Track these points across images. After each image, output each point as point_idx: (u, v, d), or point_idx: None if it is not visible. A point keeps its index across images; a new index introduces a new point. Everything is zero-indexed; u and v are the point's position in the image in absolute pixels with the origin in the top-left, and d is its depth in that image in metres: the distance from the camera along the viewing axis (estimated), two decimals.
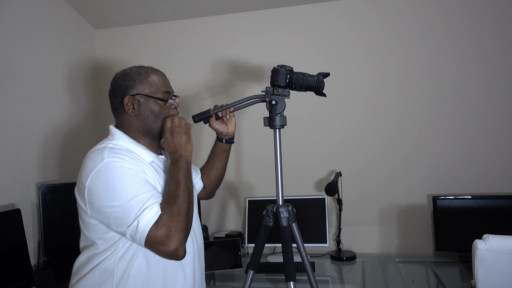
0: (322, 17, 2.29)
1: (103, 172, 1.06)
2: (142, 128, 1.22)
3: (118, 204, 1.04)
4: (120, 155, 1.10)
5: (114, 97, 1.24)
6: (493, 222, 1.98)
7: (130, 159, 1.11)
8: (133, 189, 1.05)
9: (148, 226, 1.02)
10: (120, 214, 1.04)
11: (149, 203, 1.05)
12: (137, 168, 1.10)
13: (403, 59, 2.21)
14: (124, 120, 1.23)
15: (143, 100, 1.20)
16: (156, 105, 1.21)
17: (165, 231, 1.02)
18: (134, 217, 1.03)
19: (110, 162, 1.07)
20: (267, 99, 1.34)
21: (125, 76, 1.23)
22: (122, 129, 1.23)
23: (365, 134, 2.26)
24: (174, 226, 1.04)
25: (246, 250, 2.30)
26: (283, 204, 1.33)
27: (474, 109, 2.14)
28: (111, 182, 1.05)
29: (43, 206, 1.89)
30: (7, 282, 1.64)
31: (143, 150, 1.19)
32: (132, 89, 1.20)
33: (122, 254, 1.11)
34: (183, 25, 2.47)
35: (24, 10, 2.00)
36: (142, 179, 1.09)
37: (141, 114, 1.21)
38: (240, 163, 2.42)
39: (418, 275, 1.93)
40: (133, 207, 1.04)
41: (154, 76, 1.23)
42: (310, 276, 1.35)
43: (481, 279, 1.18)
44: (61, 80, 2.25)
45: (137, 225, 1.02)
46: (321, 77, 1.34)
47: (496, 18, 2.10)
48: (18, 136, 1.94)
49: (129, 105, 1.20)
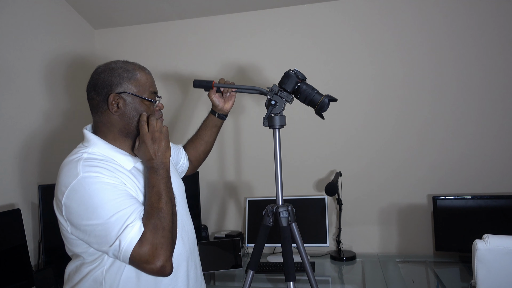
0: (322, 17, 2.29)
1: (79, 189, 0.99)
2: (125, 128, 1.12)
3: (98, 222, 0.97)
4: (95, 167, 1.02)
5: (96, 93, 1.12)
6: (493, 222, 1.98)
7: (107, 171, 1.03)
8: (113, 205, 0.98)
9: (132, 245, 0.96)
10: (101, 233, 0.98)
11: (130, 220, 0.98)
12: (116, 180, 1.03)
13: (403, 59, 2.21)
14: (105, 119, 1.12)
15: (130, 99, 1.11)
16: (143, 106, 1.12)
17: (149, 249, 0.97)
18: (115, 236, 0.96)
19: (85, 178, 0.99)
20: (268, 96, 1.33)
21: (111, 71, 1.13)
22: (100, 130, 1.14)
23: (365, 134, 2.26)
24: (159, 243, 0.98)
25: (246, 250, 2.30)
26: (283, 204, 1.33)
27: (474, 109, 2.14)
28: (88, 200, 0.98)
29: (43, 206, 1.89)
30: (7, 282, 1.64)
31: (122, 156, 1.10)
32: (119, 86, 1.10)
33: (109, 266, 1.06)
34: (183, 25, 2.47)
35: (24, 10, 2.00)
36: (122, 192, 1.01)
37: (125, 114, 1.11)
38: (240, 163, 2.42)
39: (418, 275, 1.93)
40: (114, 225, 0.97)
41: (142, 74, 1.15)
42: (310, 276, 1.35)
43: (481, 279, 1.18)
44: (61, 80, 2.25)
45: (119, 245, 0.96)
46: (327, 99, 1.34)
47: (496, 18, 2.10)
48: (18, 136, 1.94)
49: (113, 103, 1.10)
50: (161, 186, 1.05)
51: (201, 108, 2.41)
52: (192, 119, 2.41)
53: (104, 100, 1.11)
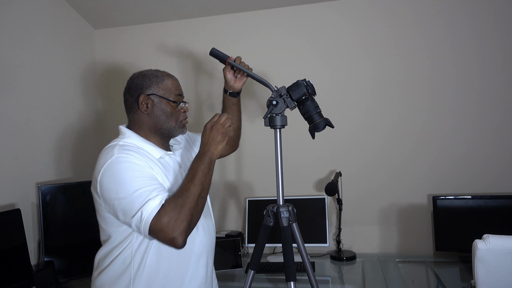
0: (322, 17, 2.29)
1: (112, 167, 1.13)
2: (153, 126, 1.27)
3: (124, 196, 1.10)
4: (129, 151, 1.16)
5: (130, 95, 1.29)
6: (493, 222, 1.98)
7: (139, 155, 1.17)
8: (138, 182, 1.11)
9: (151, 215, 1.07)
10: (126, 206, 1.10)
11: (153, 195, 1.09)
12: (145, 163, 1.16)
13: (403, 59, 2.21)
14: (136, 118, 1.29)
15: (157, 100, 1.26)
16: (168, 107, 1.27)
17: (166, 220, 1.06)
18: (138, 208, 1.08)
19: (119, 157, 1.14)
20: (273, 95, 1.33)
21: (142, 76, 1.29)
22: (133, 127, 1.29)
23: (365, 134, 2.26)
24: (175, 216, 1.07)
25: (246, 250, 2.30)
26: (284, 204, 1.33)
27: (474, 109, 2.14)
28: (118, 176, 1.12)
29: (43, 206, 1.89)
30: (7, 282, 1.64)
31: (151, 147, 1.24)
32: (148, 89, 1.26)
33: (137, 247, 1.17)
34: (183, 25, 2.47)
35: (24, 10, 2.00)
36: (148, 174, 1.14)
37: (153, 113, 1.26)
38: (240, 163, 2.42)
39: (418, 275, 1.93)
40: (138, 199, 1.09)
41: (169, 80, 1.30)
42: (310, 276, 1.35)
43: (481, 279, 1.18)
44: (61, 80, 2.24)
45: (141, 215, 1.07)
46: (324, 123, 1.35)
47: (496, 18, 2.10)
48: (18, 136, 1.94)
49: (143, 103, 1.25)
50: (197, 170, 1.16)
51: (204, 109, 2.41)
52: (193, 119, 2.41)
53: (136, 100, 1.27)
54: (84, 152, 2.37)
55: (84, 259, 2.00)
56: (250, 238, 2.24)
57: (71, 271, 1.96)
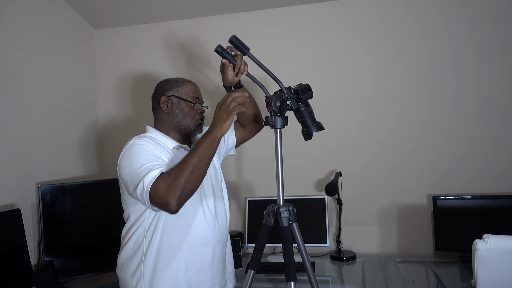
0: (321, 17, 2.29)
1: (127, 150, 1.31)
2: (172, 124, 1.43)
3: (131, 171, 1.25)
4: (145, 139, 1.33)
5: (154, 97, 1.47)
6: (493, 222, 1.98)
7: (153, 143, 1.33)
8: (144, 160, 1.26)
9: (150, 183, 1.20)
10: (134, 179, 1.24)
11: (154, 167, 1.23)
12: (155, 147, 1.31)
13: (403, 58, 2.21)
14: (159, 117, 1.46)
15: (176, 101, 1.43)
16: (186, 107, 1.43)
17: (161, 185, 1.19)
18: (141, 178, 1.22)
19: (134, 143, 1.32)
20: (286, 95, 1.32)
21: (166, 82, 1.48)
22: (156, 125, 1.46)
23: (365, 134, 2.26)
24: (169, 182, 1.19)
25: (246, 250, 2.30)
26: (284, 204, 1.33)
27: (474, 109, 2.14)
28: (130, 156, 1.29)
29: (43, 206, 1.89)
30: (7, 282, 1.64)
31: (168, 140, 1.41)
32: (169, 91, 1.44)
33: (148, 225, 1.32)
34: (183, 25, 2.47)
35: (24, 10, 2.00)
36: (155, 155, 1.29)
37: (172, 112, 1.43)
38: (240, 163, 2.42)
39: (418, 275, 1.93)
40: (142, 172, 1.23)
41: (188, 84, 1.47)
42: (310, 276, 1.35)
43: (481, 279, 1.18)
44: (61, 79, 2.25)
45: (143, 185, 1.21)
46: (317, 128, 1.34)
47: (496, 17, 2.10)
48: (18, 136, 1.94)
49: (164, 103, 1.42)
50: (199, 145, 1.25)
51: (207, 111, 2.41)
52: None
53: (158, 101, 1.45)
54: (84, 152, 2.37)
55: (84, 259, 2.00)
56: (250, 238, 2.24)
57: (71, 271, 1.96)
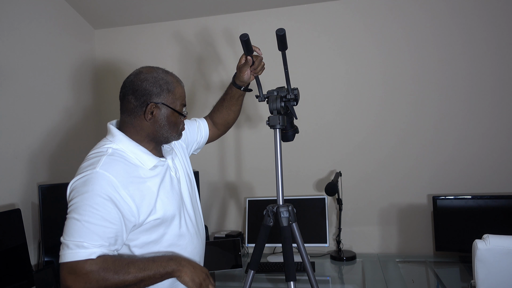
0: (328, 16, 2.29)
1: (87, 185, 1.05)
2: (153, 133, 1.21)
3: (73, 215, 1.04)
4: (114, 168, 1.09)
5: (134, 98, 1.18)
6: (493, 222, 1.98)
7: (122, 178, 1.08)
8: (91, 222, 1.03)
9: (71, 258, 1.00)
10: (70, 226, 1.04)
11: (91, 247, 1.01)
12: (119, 199, 1.06)
13: (407, 62, 2.21)
14: (136, 123, 1.20)
15: (164, 109, 1.19)
16: (174, 117, 1.22)
17: (81, 274, 0.99)
18: (72, 240, 1.02)
19: (100, 175, 1.06)
20: (292, 94, 1.33)
21: (154, 81, 1.18)
22: (128, 130, 1.20)
23: (365, 135, 2.26)
24: (90, 279, 0.99)
25: (246, 250, 2.30)
26: (284, 204, 1.33)
27: (475, 110, 2.14)
28: (85, 199, 1.04)
29: (43, 206, 1.89)
30: (7, 282, 1.64)
31: (144, 155, 1.17)
32: (158, 97, 1.18)
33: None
34: (183, 25, 2.47)
35: (24, 10, 2.00)
36: (109, 221, 1.04)
37: (157, 122, 1.19)
38: (240, 163, 2.42)
39: (418, 275, 1.93)
40: (81, 232, 1.02)
41: (178, 88, 1.23)
42: (310, 276, 1.35)
43: (481, 279, 1.18)
44: (61, 80, 2.25)
45: (67, 247, 1.01)
46: (292, 132, 1.40)
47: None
48: (18, 136, 1.94)
49: (149, 112, 1.18)
50: (152, 268, 1.06)
51: (204, 110, 2.41)
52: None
53: (142, 106, 1.18)
54: (85, 152, 2.36)
55: None
56: (250, 238, 2.24)
57: None
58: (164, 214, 1.16)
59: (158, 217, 1.15)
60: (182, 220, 1.22)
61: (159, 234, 1.16)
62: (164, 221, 1.17)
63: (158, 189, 1.17)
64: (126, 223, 1.08)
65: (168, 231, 1.18)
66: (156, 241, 1.16)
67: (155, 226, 1.15)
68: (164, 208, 1.16)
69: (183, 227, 1.22)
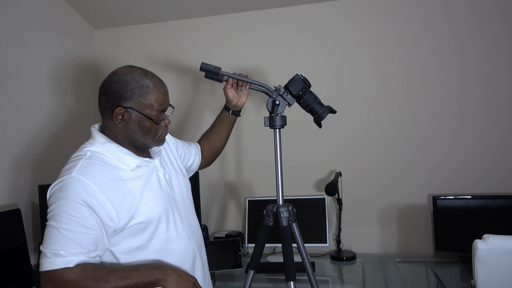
0: (324, 17, 2.29)
1: (63, 189, 1.03)
2: (127, 138, 1.15)
3: (51, 224, 1.03)
4: (92, 171, 1.06)
5: (105, 99, 1.13)
6: (493, 222, 1.98)
7: (101, 180, 1.06)
8: (71, 227, 1.01)
9: (49, 267, 0.99)
10: (48, 234, 1.02)
11: (68, 253, 1.00)
12: (96, 204, 1.03)
13: (404, 59, 2.21)
14: (110, 125, 1.15)
15: (135, 114, 1.12)
16: (147, 123, 1.13)
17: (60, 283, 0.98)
18: (49, 248, 1.00)
19: (75, 180, 1.03)
20: (274, 96, 1.33)
21: (124, 83, 1.11)
22: (106, 132, 1.17)
23: (365, 134, 2.26)
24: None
25: (246, 250, 2.30)
26: (283, 204, 1.33)
27: (474, 110, 2.14)
28: (61, 203, 1.02)
29: (43, 206, 1.89)
30: (7, 282, 1.64)
31: (125, 156, 1.13)
32: (128, 101, 1.10)
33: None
34: (183, 25, 2.47)
35: (24, 10, 2.00)
36: (87, 227, 1.02)
37: (128, 127, 1.13)
38: (240, 163, 2.42)
39: (418, 275, 1.93)
40: (58, 240, 1.00)
41: (153, 93, 1.13)
42: (310, 276, 1.35)
43: (481, 279, 1.18)
44: (61, 80, 2.25)
45: (45, 256, 1.00)
46: (328, 110, 1.34)
47: (501, 18, 2.09)
48: (18, 136, 1.94)
49: (117, 116, 1.11)
50: (134, 277, 1.03)
51: (204, 111, 2.41)
52: (194, 118, 2.41)
53: (111, 109, 1.12)
54: None
55: None
56: (250, 238, 2.24)
57: None
58: (149, 217, 1.11)
59: (142, 221, 1.10)
60: (171, 223, 1.17)
61: (145, 239, 1.12)
62: (149, 225, 1.12)
63: (142, 191, 1.12)
64: (106, 228, 1.05)
65: (155, 235, 1.13)
66: (142, 247, 1.12)
67: (140, 231, 1.11)
68: (149, 210, 1.12)
69: (171, 230, 1.17)
